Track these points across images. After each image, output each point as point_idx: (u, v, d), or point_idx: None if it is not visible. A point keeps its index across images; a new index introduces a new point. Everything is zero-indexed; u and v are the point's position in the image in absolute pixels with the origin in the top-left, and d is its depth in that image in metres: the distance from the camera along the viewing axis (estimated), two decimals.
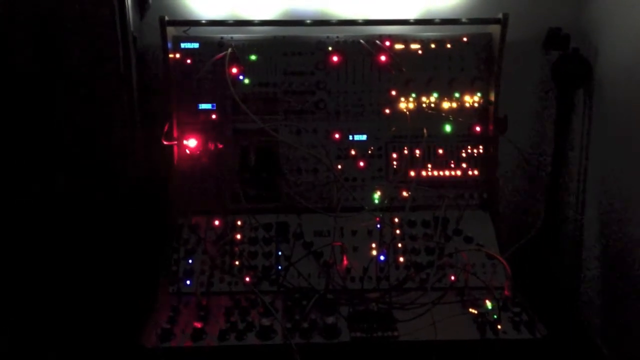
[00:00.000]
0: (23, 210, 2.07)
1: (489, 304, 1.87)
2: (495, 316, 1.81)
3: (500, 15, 2.11)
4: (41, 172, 2.06)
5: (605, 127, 2.18)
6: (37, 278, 2.10)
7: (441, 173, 2.22)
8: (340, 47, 2.18)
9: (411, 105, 2.21)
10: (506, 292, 1.92)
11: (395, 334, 1.76)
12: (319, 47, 2.18)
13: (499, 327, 1.79)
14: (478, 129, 2.22)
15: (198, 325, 1.78)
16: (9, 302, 2.11)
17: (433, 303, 1.84)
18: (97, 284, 2.10)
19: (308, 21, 2.18)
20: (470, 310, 1.87)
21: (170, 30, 2.12)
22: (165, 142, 2.13)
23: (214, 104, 2.18)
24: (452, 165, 2.22)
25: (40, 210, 2.08)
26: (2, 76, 1.99)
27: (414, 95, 2.21)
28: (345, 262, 2.03)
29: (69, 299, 2.10)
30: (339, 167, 2.20)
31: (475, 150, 2.22)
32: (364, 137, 2.22)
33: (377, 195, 2.19)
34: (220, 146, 2.17)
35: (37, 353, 2.06)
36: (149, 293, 1.96)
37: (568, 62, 2.27)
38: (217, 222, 2.11)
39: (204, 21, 2.17)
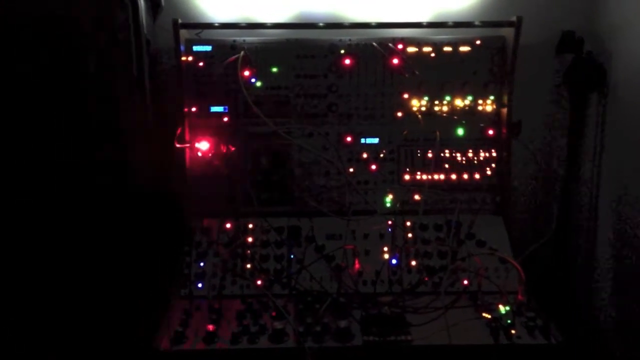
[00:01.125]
0: (35, 211, 2.08)
1: (502, 309, 1.85)
2: (509, 321, 1.80)
3: (514, 18, 2.10)
4: (53, 173, 2.06)
5: (619, 131, 2.16)
6: (49, 281, 2.11)
7: (454, 177, 2.21)
8: (353, 50, 2.18)
9: (423, 109, 2.20)
10: (520, 297, 1.91)
11: (409, 338, 1.75)
12: (331, 50, 2.18)
13: (513, 332, 1.78)
14: (491, 132, 2.21)
15: (210, 328, 1.78)
16: (21, 304, 2.11)
17: (446, 307, 1.83)
18: (109, 287, 2.10)
19: (320, 24, 2.17)
20: (484, 314, 1.86)
21: (183, 33, 2.13)
22: (177, 145, 2.13)
23: (226, 107, 2.18)
24: (465, 169, 2.21)
25: (52, 212, 2.08)
26: (18, 78, 2.00)
27: (426, 98, 2.20)
28: (357, 265, 2.03)
29: (82, 302, 2.11)
30: (351, 170, 2.20)
31: (488, 154, 2.21)
32: (375, 140, 2.22)
33: (389, 198, 2.18)
34: (232, 149, 2.17)
35: (50, 355, 2.07)
36: (161, 296, 1.96)
37: (582, 66, 2.25)
38: (228, 225, 2.11)
39: (216, 24, 2.17)
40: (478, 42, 2.18)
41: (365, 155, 2.21)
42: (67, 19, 1.97)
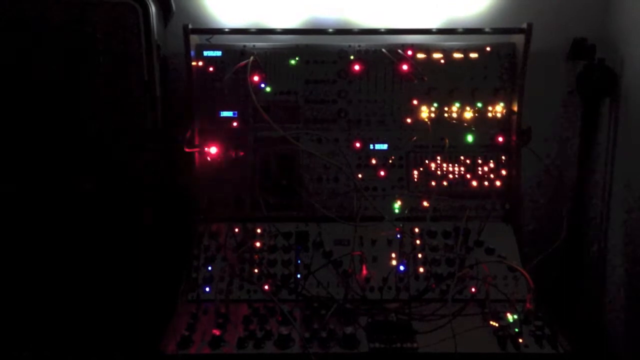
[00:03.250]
0: (43, 213, 2.10)
1: (510, 317, 1.84)
2: (516, 330, 1.79)
3: (524, 25, 2.09)
4: (63, 176, 2.08)
5: (632, 138, 2.14)
6: (57, 283, 2.12)
7: (462, 183, 2.20)
8: (362, 56, 2.18)
9: (433, 115, 2.20)
10: (528, 305, 1.89)
11: (415, 345, 1.75)
12: (340, 56, 2.18)
13: (521, 341, 1.77)
14: (501, 139, 2.20)
15: (217, 332, 1.78)
16: (28, 306, 2.13)
17: (453, 315, 1.82)
18: (117, 290, 2.12)
19: (330, 30, 2.18)
20: (491, 323, 1.84)
21: (194, 39, 2.14)
22: (186, 149, 2.14)
23: (236, 112, 2.19)
24: (474, 176, 2.20)
25: (61, 214, 2.10)
26: (32, 81, 2.03)
27: (435, 104, 2.19)
28: (364, 271, 2.02)
29: (90, 305, 2.12)
30: (360, 176, 2.20)
31: (497, 161, 2.20)
32: (384, 147, 2.21)
33: (397, 204, 2.18)
34: (241, 154, 2.18)
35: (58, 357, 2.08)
36: (168, 300, 1.97)
37: (593, 73, 2.24)
38: (237, 230, 2.11)
39: (227, 29, 2.19)
40: (488, 48, 2.18)
41: (374, 161, 2.21)
42: (79, 23, 1.99)
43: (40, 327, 2.13)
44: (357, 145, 2.20)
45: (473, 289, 1.97)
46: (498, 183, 2.20)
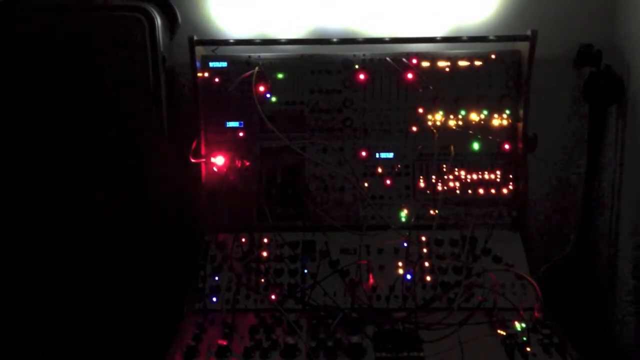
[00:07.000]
0: (51, 224, 2.12)
1: (518, 326, 1.82)
2: (524, 338, 1.77)
3: (528, 32, 2.08)
4: (71, 188, 2.10)
5: (639, 144, 2.13)
6: (64, 292, 2.14)
7: (469, 191, 2.19)
8: (367, 65, 2.18)
9: (438, 123, 2.19)
10: (536, 314, 1.88)
11: (421, 354, 1.73)
12: (345, 66, 2.19)
13: (528, 349, 1.75)
14: (507, 147, 2.18)
15: (223, 342, 1.78)
16: (34, 315, 2.15)
17: (460, 324, 1.81)
18: (123, 299, 2.12)
19: (335, 40, 2.18)
20: (499, 331, 1.82)
21: (199, 50, 2.15)
22: (193, 160, 2.15)
23: (242, 122, 2.20)
24: (481, 184, 2.19)
25: (69, 225, 2.11)
26: (36, 95, 2.05)
27: (441, 112, 2.19)
28: (371, 280, 2.01)
29: (96, 315, 2.13)
30: (366, 185, 2.19)
31: (504, 169, 2.19)
32: (390, 155, 2.21)
33: (403, 213, 2.17)
34: (247, 164, 2.19)
35: None
36: (175, 310, 1.97)
37: (600, 80, 2.23)
38: (243, 240, 2.11)
39: (232, 40, 2.20)
40: (493, 56, 2.17)
41: (380, 170, 2.20)
42: (85, 36, 2.02)
43: (47, 335, 2.14)
44: (363, 154, 2.20)
45: (480, 298, 1.95)
46: (505, 191, 2.18)
